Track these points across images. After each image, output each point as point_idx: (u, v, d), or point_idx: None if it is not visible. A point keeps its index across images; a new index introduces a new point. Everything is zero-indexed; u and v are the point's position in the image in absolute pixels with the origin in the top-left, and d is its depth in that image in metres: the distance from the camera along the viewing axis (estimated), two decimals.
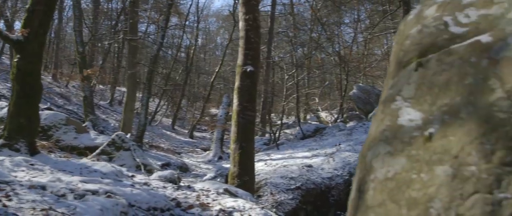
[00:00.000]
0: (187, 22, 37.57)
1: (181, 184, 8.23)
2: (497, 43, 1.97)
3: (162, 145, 25.67)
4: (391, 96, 2.15)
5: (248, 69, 11.86)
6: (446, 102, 1.92)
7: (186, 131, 35.55)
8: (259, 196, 13.07)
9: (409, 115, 1.99)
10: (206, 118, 35.93)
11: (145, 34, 34.49)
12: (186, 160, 21.64)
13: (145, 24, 36.30)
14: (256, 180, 15.94)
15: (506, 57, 1.90)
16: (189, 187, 7.85)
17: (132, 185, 7.02)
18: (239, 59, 12.30)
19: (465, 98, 1.87)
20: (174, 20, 36.45)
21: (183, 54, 42.02)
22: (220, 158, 23.04)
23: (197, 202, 6.84)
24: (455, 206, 1.59)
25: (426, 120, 1.92)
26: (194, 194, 7.33)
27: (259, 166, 16.29)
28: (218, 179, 16.40)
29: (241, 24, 12.67)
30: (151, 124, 32.30)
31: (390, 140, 1.95)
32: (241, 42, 12.48)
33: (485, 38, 2.04)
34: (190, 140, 31.93)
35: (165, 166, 17.44)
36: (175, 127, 36.00)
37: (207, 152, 25.06)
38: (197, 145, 29.72)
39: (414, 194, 1.70)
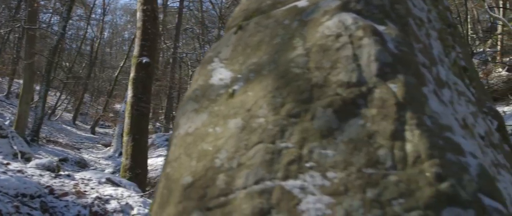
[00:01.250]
0: (93, 15, 36.45)
1: (61, 173, 7.90)
2: (310, 7, 2.00)
3: (61, 140, 24.73)
4: (209, 58, 2.13)
5: (144, 60, 11.64)
6: (255, 61, 1.92)
7: (88, 127, 34.47)
8: (155, 191, 12.85)
9: (221, 75, 1.97)
10: (111, 114, 35.00)
11: (48, 25, 33.06)
12: (85, 156, 20.97)
13: (49, 14, 34.80)
14: (154, 175, 15.71)
15: (313, 19, 1.93)
16: (68, 176, 7.55)
17: (5, 173, 6.65)
18: (135, 50, 12.06)
19: (271, 56, 1.88)
20: (79, 11, 35.23)
21: (88, 48, 40.70)
22: (121, 153, 22.52)
23: (73, 190, 6.59)
24: (238, 156, 1.58)
25: (234, 79, 1.91)
26: (72, 182, 7.07)
27: (159, 162, 16.06)
28: (117, 175, 16.00)
29: (138, 14, 12.43)
30: (51, 119, 31.03)
31: (199, 98, 1.93)
32: (138, 33, 12.24)
33: (302, 3, 2.07)
34: (92, 135, 31.01)
35: (62, 161, 16.78)
36: (77, 122, 34.82)
37: (108, 147, 24.44)
38: (99, 140, 28.91)
39: (206, 146, 1.68)
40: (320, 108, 1.60)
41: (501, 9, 17.40)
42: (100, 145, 26.38)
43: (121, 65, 32.16)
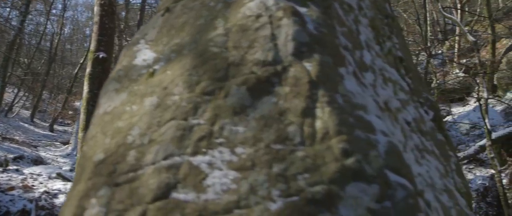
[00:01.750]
0: (53, 10, 35.76)
1: (9, 167, 7.73)
2: None
3: (17, 138, 24.14)
4: (136, 39, 2.10)
5: (101, 56, 11.46)
6: (177, 41, 1.90)
7: (47, 125, 33.80)
8: None
9: (145, 56, 1.95)
10: (70, 111, 34.38)
11: (6, 20, 32.28)
12: (42, 154, 20.52)
13: (8, 9, 33.97)
14: None
15: (237, 0, 1.92)
16: (17, 170, 7.40)
17: None
18: (92, 45, 11.86)
19: (193, 37, 1.86)
20: (39, 6, 34.50)
21: (47, 44, 39.88)
22: None
23: (21, 184, 6.44)
24: (150, 132, 1.56)
25: (156, 59, 1.89)
26: (21, 177, 6.93)
27: None
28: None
29: (96, 9, 12.24)
30: (7, 116, 30.31)
31: (121, 78, 1.90)
32: (95, 28, 12.04)
33: None
34: (50, 133, 30.40)
35: (17, 159, 16.37)
36: (35, 119, 34.08)
37: (67, 145, 24.01)
38: (57, 138, 28.36)
39: (121, 124, 1.66)
40: (235, 86, 1.60)
41: (458, 11, 17.77)
42: (58, 143, 25.89)
43: (81, 62, 31.61)
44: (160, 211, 1.36)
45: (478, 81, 10.91)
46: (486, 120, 7.63)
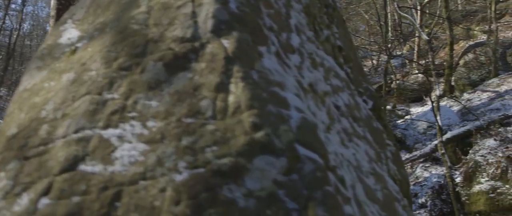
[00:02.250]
0: (13, 5, 34.95)
1: None
2: None
3: None
4: (64, 19, 2.08)
5: None
6: (102, 20, 1.89)
7: None
8: None
9: (70, 35, 1.93)
10: None
11: None
12: None
13: None
14: None
15: None
16: None
17: None
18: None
19: (117, 15, 1.85)
20: None
21: (6, 39, 38.93)
22: None
23: None
24: (64, 107, 1.55)
25: (80, 37, 1.87)
26: None
27: None
28: None
29: (52, 2, 12.00)
30: None
31: (44, 57, 1.87)
32: (51, 22, 11.82)
33: None
34: None
35: None
36: None
37: None
38: None
39: (37, 99, 1.64)
40: (151, 62, 1.59)
41: (418, 12, 18.07)
42: None
43: None
44: (66, 182, 1.35)
45: (431, 79, 11.12)
46: (438, 117, 7.79)
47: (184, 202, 1.27)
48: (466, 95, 16.04)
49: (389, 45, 16.10)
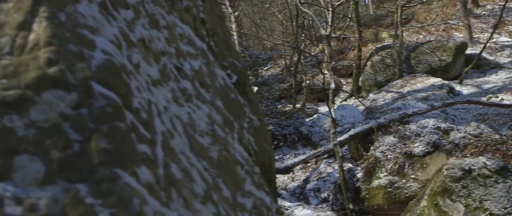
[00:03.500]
0: None
1: None
2: None
3: None
4: None
5: None
6: None
7: None
8: None
9: None
10: None
11: None
12: None
13: None
14: None
15: None
16: None
17: None
18: None
19: None
20: None
21: None
22: None
23: None
24: None
25: None
26: None
27: None
28: None
29: None
30: None
31: None
32: None
33: None
34: None
35: None
36: None
37: None
38: None
39: None
40: None
41: (330, 14, 18.56)
42: None
43: None
44: None
45: (326, 72, 11.46)
46: (332, 110, 8.05)
47: None
48: (371, 95, 16.65)
49: (302, 46, 16.44)
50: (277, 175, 13.15)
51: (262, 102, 15.27)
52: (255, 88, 14.81)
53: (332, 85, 8.56)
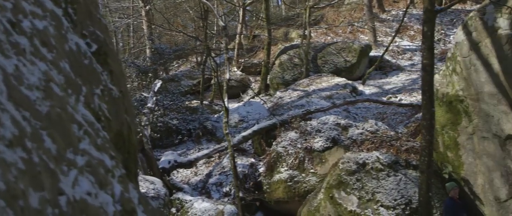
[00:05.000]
0: None
1: None
2: None
3: None
4: None
5: None
6: None
7: None
8: None
9: None
10: None
11: None
12: None
13: None
14: None
15: None
16: None
17: None
18: None
19: None
20: None
21: None
22: None
23: None
24: None
25: None
26: None
27: None
28: None
29: None
30: None
31: None
32: None
33: None
34: None
35: None
36: None
37: None
38: None
39: None
40: None
41: (241, 11, 18.70)
42: None
43: None
44: None
45: (224, 63, 11.50)
46: (225, 99, 8.12)
47: None
48: (278, 93, 16.90)
49: (213, 43, 16.45)
50: (180, 170, 13.10)
51: (167, 97, 15.16)
52: (159, 82, 14.67)
53: (227, 76, 8.63)
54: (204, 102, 17.56)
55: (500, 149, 8.35)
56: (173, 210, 10.57)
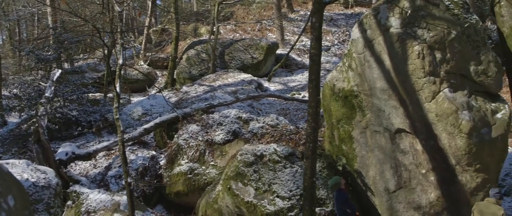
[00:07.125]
0: None
1: None
2: None
3: None
4: None
5: None
6: None
7: None
8: None
9: None
10: None
11: None
12: None
13: None
14: None
15: None
16: None
17: None
18: None
19: None
20: None
21: None
22: None
23: None
24: None
25: None
26: None
27: None
28: None
29: None
30: None
31: None
32: None
33: None
34: None
35: None
36: None
37: None
38: None
39: None
40: None
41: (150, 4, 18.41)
42: None
43: None
44: None
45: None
46: (117, 85, 7.95)
47: None
48: (185, 88, 16.80)
49: (120, 36, 16.03)
50: (79, 162, 12.67)
51: (68, 87, 14.64)
52: (59, 71, 14.14)
53: (120, 61, 8.43)
54: (109, 95, 17.10)
55: (390, 143, 8.71)
56: (69, 202, 10.20)
